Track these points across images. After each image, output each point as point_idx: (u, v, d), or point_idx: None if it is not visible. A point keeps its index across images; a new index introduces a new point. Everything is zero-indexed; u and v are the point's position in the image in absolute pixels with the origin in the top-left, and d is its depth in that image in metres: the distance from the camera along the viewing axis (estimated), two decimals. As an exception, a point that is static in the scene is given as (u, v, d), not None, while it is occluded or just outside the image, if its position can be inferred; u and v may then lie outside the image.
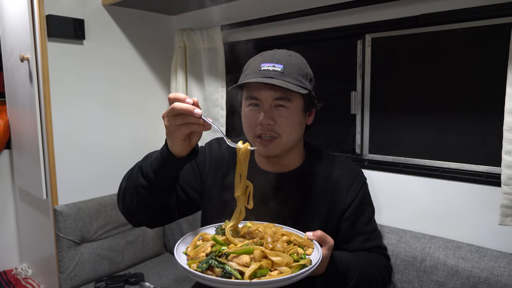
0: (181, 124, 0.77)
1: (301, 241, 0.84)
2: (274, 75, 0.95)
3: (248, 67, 1.02)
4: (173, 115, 0.76)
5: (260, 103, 0.98)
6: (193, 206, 1.11)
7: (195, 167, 1.12)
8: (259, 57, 1.02)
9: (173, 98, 0.77)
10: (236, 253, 0.75)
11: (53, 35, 1.65)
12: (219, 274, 0.72)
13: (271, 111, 0.97)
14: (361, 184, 1.10)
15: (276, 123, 0.97)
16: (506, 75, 1.03)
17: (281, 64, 0.96)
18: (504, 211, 1.06)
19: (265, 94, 0.97)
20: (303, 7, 1.49)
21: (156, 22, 2.06)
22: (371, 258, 1.06)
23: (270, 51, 1.02)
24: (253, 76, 0.96)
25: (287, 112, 0.98)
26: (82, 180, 1.82)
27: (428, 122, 1.32)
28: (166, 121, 0.78)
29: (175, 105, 0.75)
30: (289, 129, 0.99)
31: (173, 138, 0.80)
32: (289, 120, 0.98)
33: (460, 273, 1.12)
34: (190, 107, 0.75)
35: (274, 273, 0.72)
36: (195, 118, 0.76)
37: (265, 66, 0.96)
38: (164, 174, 0.88)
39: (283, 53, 1.01)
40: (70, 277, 1.71)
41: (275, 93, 0.96)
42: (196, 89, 1.96)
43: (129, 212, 0.98)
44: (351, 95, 1.48)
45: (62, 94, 1.72)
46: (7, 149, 2.11)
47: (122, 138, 1.95)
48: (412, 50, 1.34)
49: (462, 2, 1.17)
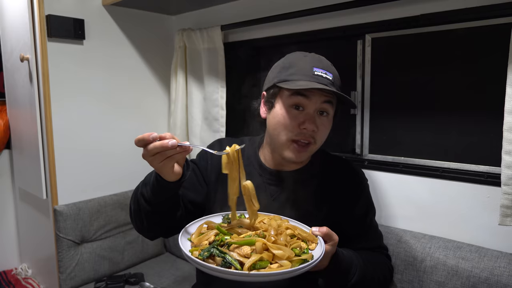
0: (163, 160, 0.79)
1: (306, 235, 0.84)
2: (327, 83, 0.95)
3: (293, 66, 0.99)
4: (151, 156, 0.78)
5: (307, 106, 0.97)
6: (202, 210, 1.12)
7: (197, 172, 1.13)
8: (305, 58, 0.99)
9: (139, 141, 0.78)
10: (238, 243, 0.76)
11: (53, 35, 1.65)
12: (219, 263, 0.73)
13: (315, 118, 0.97)
14: (362, 184, 1.11)
15: (318, 130, 0.97)
16: (506, 75, 1.03)
17: (331, 73, 0.98)
18: (504, 211, 1.07)
19: (316, 98, 0.95)
20: (303, 7, 1.49)
21: (156, 22, 2.06)
22: (373, 256, 1.07)
23: (312, 54, 1.02)
24: (307, 79, 0.95)
25: (328, 120, 1.00)
26: (82, 180, 1.82)
27: (428, 122, 1.32)
28: (149, 162, 0.80)
29: (149, 147, 0.77)
30: (324, 137, 1.01)
31: (163, 173, 0.83)
32: (327, 128, 1.01)
33: (460, 273, 1.12)
34: (164, 143, 0.76)
35: (274, 266, 0.73)
36: (173, 150, 0.77)
37: (318, 72, 0.96)
38: (164, 198, 0.92)
39: (326, 61, 1.02)
40: (70, 277, 1.71)
41: (324, 98, 0.96)
42: (196, 89, 1.96)
43: (142, 231, 1.04)
44: (351, 95, 1.48)
45: (62, 94, 1.72)
46: (7, 149, 2.11)
47: (122, 138, 1.95)
48: (412, 50, 1.34)
49: (462, 2, 1.17)
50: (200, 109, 1.96)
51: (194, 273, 1.26)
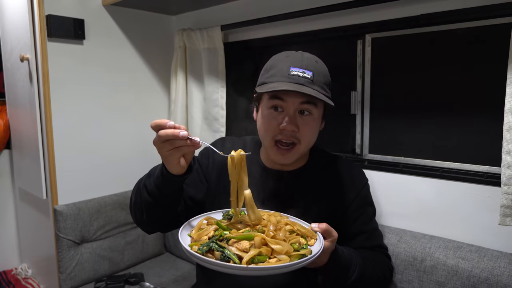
0: (171, 149, 0.80)
1: (305, 231, 0.85)
2: (304, 82, 0.94)
3: (273, 67, 0.99)
4: (161, 142, 0.79)
5: (285, 107, 0.97)
6: (201, 207, 1.12)
7: (199, 170, 1.14)
8: (286, 59, 0.99)
9: (156, 125, 0.79)
10: (237, 238, 0.76)
11: (53, 35, 1.65)
12: (218, 257, 0.73)
13: (295, 118, 0.97)
14: (363, 184, 1.12)
15: (299, 130, 0.97)
16: (506, 75, 1.03)
17: (311, 71, 0.95)
18: (504, 211, 1.06)
19: (292, 99, 0.95)
20: (303, 7, 1.49)
21: (156, 22, 2.06)
22: (373, 255, 1.07)
23: (296, 53, 1.00)
24: (282, 80, 0.95)
25: (311, 120, 0.98)
26: (82, 180, 1.82)
27: (428, 122, 1.32)
28: (157, 149, 0.82)
29: (160, 133, 0.78)
30: (310, 137, 1.00)
31: (168, 163, 0.84)
32: (311, 128, 0.99)
33: (460, 273, 1.12)
34: (175, 132, 0.78)
35: (272, 260, 0.73)
36: (183, 140, 0.78)
37: (294, 71, 0.95)
38: (167, 191, 0.92)
39: (310, 58, 1.00)
40: (70, 277, 1.71)
41: (302, 99, 0.95)
42: (196, 89, 1.96)
43: (141, 224, 1.03)
44: (351, 95, 1.48)
45: (62, 94, 1.72)
46: (7, 149, 2.11)
47: (122, 137, 1.95)
48: (412, 50, 1.34)
49: (462, 2, 1.17)
50: (200, 109, 1.96)
51: (194, 273, 1.26)
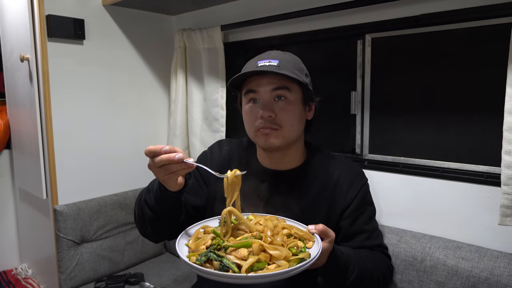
0: (167, 174, 0.82)
1: (302, 234, 0.84)
2: (271, 68, 0.97)
3: (245, 68, 1.05)
4: (156, 168, 0.81)
5: (259, 96, 1.01)
6: (203, 213, 1.13)
7: (198, 175, 1.15)
8: (257, 56, 1.05)
9: (149, 152, 0.81)
10: (235, 246, 0.76)
11: (53, 35, 1.65)
12: (217, 267, 0.73)
13: (271, 104, 1.00)
14: (362, 184, 1.11)
15: (276, 116, 0.99)
16: (506, 75, 1.03)
17: (277, 60, 0.99)
18: (504, 211, 1.07)
19: (263, 86, 0.99)
20: (303, 7, 1.49)
21: (156, 22, 2.06)
22: (372, 255, 1.07)
23: (268, 52, 1.06)
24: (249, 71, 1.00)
25: (287, 104, 1.00)
26: (82, 180, 1.82)
27: (428, 122, 1.32)
28: (154, 173, 0.84)
29: (156, 160, 0.80)
30: (290, 121, 1.01)
31: (166, 184, 0.87)
32: (289, 112, 1.00)
33: (460, 273, 1.12)
34: (170, 156, 0.79)
35: (271, 266, 0.73)
36: (178, 164, 0.80)
37: (261, 63, 0.99)
38: (167, 206, 0.94)
39: (278, 52, 1.06)
40: (70, 277, 1.71)
41: (273, 84, 0.98)
42: (196, 89, 1.96)
43: (146, 236, 1.07)
44: (351, 95, 1.48)
45: (62, 94, 1.72)
46: (7, 149, 2.11)
47: (122, 137, 1.95)
48: (412, 50, 1.34)
49: (462, 2, 1.17)
50: (200, 109, 1.96)
51: (194, 273, 1.26)
